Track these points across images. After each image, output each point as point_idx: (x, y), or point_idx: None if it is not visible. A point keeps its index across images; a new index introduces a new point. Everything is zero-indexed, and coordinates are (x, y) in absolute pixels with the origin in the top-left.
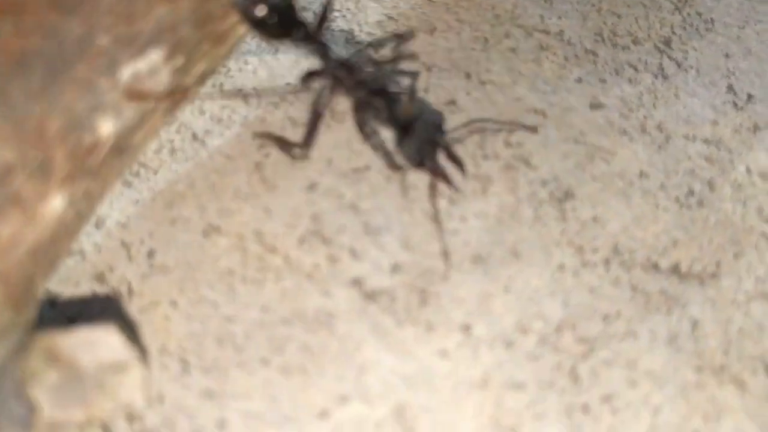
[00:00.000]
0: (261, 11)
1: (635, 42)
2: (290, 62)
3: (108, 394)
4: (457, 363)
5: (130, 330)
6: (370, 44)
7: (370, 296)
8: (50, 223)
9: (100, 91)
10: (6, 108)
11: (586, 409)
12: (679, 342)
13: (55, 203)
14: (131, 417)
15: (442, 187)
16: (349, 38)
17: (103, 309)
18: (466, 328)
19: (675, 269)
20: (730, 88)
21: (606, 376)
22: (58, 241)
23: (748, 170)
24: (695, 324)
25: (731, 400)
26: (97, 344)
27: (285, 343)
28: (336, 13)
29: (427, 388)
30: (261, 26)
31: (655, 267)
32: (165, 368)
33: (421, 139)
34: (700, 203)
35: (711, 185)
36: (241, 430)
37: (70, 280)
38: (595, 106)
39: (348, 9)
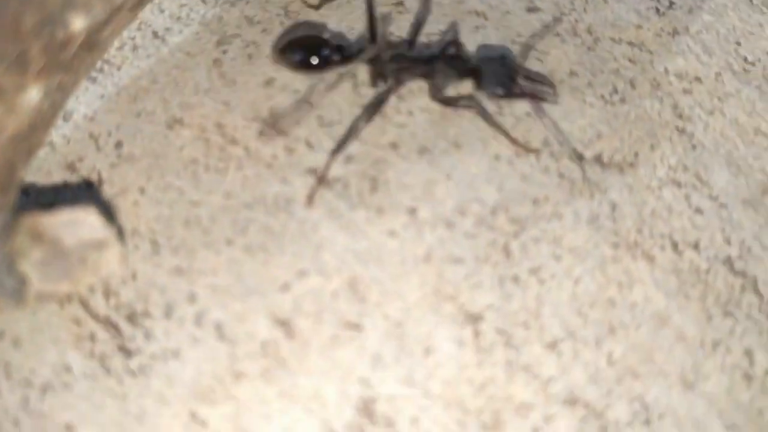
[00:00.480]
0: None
1: None
2: None
3: (90, 269)
4: (404, 241)
5: (105, 213)
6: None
7: (327, 183)
8: (28, 113)
9: None
10: None
11: (516, 279)
12: (599, 222)
13: (32, 94)
14: (107, 293)
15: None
16: None
17: (75, 196)
18: (412, 211)
19: (598, 159)
20: None
21: (534, 251)
22: (36, 131)
23: (666, 71)
24: (614, 206)
25: (642, 272)
26: (77, 224)
27: (248, 225)
28: None
29: (377, 262)
30: (307, 66)
31: (581, 157)
32: (136, 249)
33: (497, 75)
34: (623, 100)
35: (633, 84)
36: (209, 302)
37: (41, 170)
38: (532, 9)
39: None
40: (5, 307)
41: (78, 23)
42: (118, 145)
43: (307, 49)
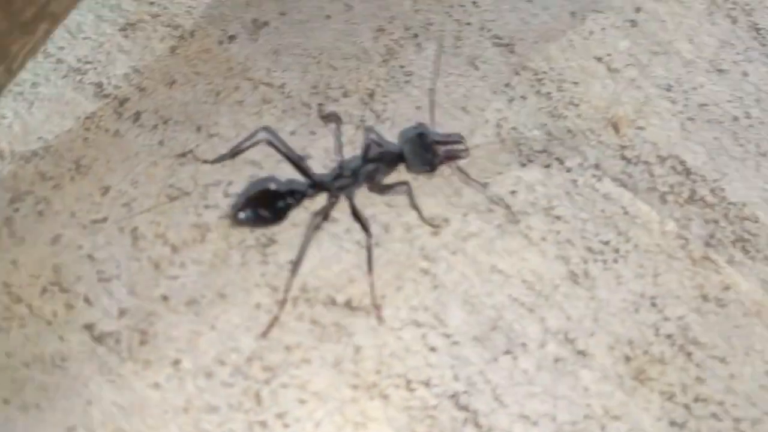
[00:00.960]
0: (245, 214)
1: (345, 95)
2: (44, 117)
3: None
4: (166, 392)
5: None
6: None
7: (99, 339)
8: None
9: None
10: None
11: (264, 425)
12: (343, 365)
13: None
14: None
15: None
16: (98, 92)
17: None
18: (176, 363)
19: (348, 303)
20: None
21: (282, 396)
22: None
23: (418, 215)
24: (357, 349)
25: (377, 410)
26: None
27: (25, 384)
28: (88, 66)
29: (140, 415)
30: (267, 220)
31: (333, 302)
32: None
33: (419, 155)
34: (377, 244)
35: (386, 228)
36: None
37: None
38: (305, 157)
39: (99, 61)
40: None
41: None
42: None
43: (264, 204)
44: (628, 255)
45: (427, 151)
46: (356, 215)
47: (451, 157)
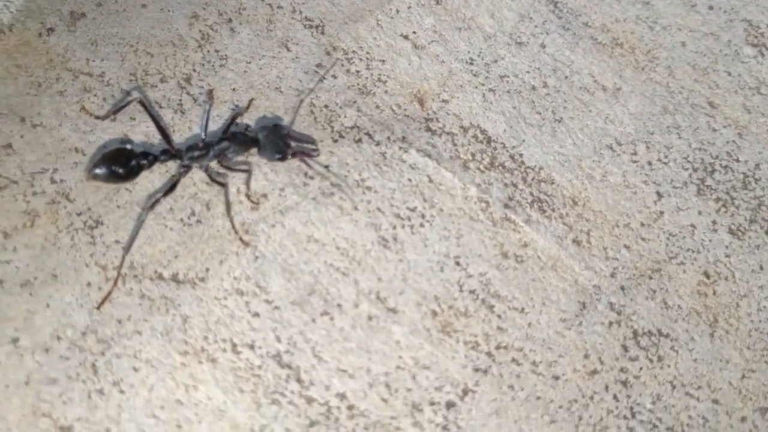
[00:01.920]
0: (100, 170)
1: (162, 80)
2: None
3: None
4: (6, 369)
5: None
6: None
7: None
8: None
9: None
10: None
11: (101, 392)
12: (172, 334)
13: None
14: None
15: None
16: None
17: None
18: (15, 341)
19: (174, 277)
20: (233, 121)
21: (117, 366)
22: None
23: (237, 190)
24: (185, 319)
25: (206, 373)
26: None
27: None
28: None
29: None
30: (120, 177)
31: (160, 277)
32: None
33: (274, 143)
34: (199, 221)
35: (209, 206)
36: None
37: None
38: (125, 142)
39: None
40: None
41: None
42: None
43: (118, 162)
44: (434, 219)
45: (280, 140)
46: (211, 179)
47: (303, 153)
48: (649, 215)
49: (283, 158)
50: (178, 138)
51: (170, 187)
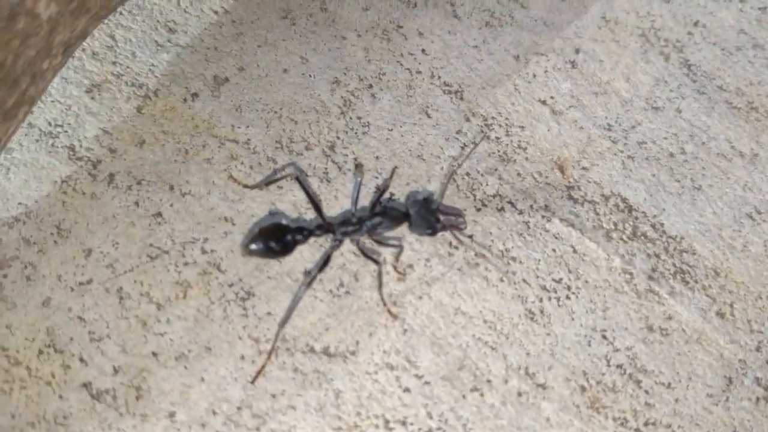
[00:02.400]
0: (257, 246)
1: (307, 148)
2: (21, 182)
3: None
4: None
5: None
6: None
7: (97, 396)
8: None
9: None
10: None
11: None
12: (326, 409)
13: None
14: None
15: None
16: (71, 155)
17: None
18: (171, 415)
19: (326, 350)
20: (378, 189)
21: None
22: None
23: (384, 261)
24: (338, 394)
25: None
26: None
27: None
28: (58, 129)
29: None
30: (276, 252)
31: (312, 350)
32: None
33: (424, 217)
34: (348, 293)
35: (356, 276)
36: None
37: None
38: (274, 212)
39: (69, 124)
40: None
41: None
42: None
43: (274, 237)
44: (579, 291)
45: (431, 215)
46: (364, 254)
47: (453, 226)
48: None
49: (433, 233)
50: (326, 208)
51: (324, 262)
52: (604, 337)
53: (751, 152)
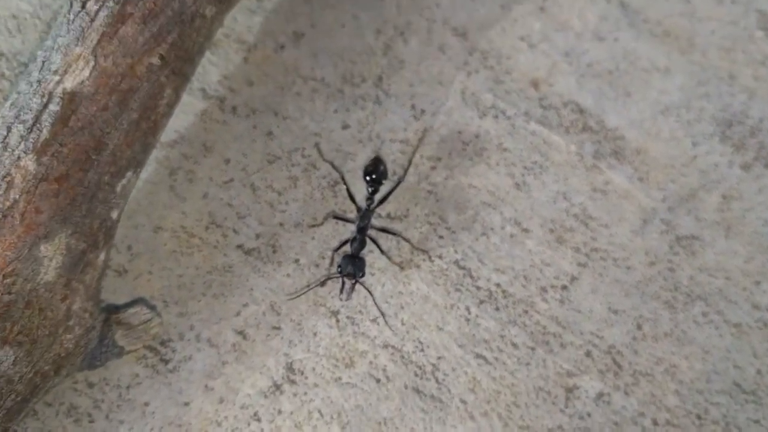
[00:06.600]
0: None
1: (363, 80)
2: (174, 116)
3: (147, 333)
4: (293, 278)
5: (147, 304)
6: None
7: (248, 252)
8: None
9: None
10: None
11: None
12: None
13: None
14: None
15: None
16: (204, 95)
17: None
18: (297, 261)
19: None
20: (413, 107)
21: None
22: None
23: (421, 156)
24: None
25: (414, 274)
26: (136, 313)
27: (211, 283)
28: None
29: (280, 292)
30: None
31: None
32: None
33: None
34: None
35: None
36: (200, 328)
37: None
38: (345, 126)
39: (198, 73)
40: (112, 361)
41: None
42: (129, 248)
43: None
44: (548, 168)
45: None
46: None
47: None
48: (687, 158)
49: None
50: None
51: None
52: (565, 197)
53: (664, 66)
